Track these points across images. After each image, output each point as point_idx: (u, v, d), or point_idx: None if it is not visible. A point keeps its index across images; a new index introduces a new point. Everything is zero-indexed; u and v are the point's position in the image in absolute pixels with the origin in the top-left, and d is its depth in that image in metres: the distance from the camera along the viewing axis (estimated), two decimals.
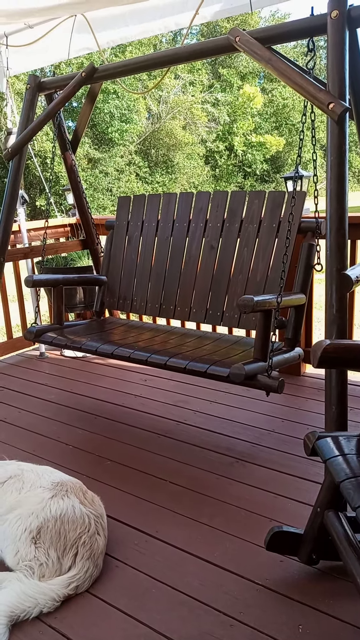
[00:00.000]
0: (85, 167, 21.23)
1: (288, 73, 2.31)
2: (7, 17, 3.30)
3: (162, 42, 23.90)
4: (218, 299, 2.90)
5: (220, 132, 25.34)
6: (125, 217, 3.39)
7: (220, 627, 1.60)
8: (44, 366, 3.99)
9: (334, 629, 1.58)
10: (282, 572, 1.81)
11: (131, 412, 3.12)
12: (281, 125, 26.82)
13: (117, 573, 1.84)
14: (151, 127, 23.79)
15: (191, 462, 2.53)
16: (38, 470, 2.04)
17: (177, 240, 3.12)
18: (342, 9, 2.14)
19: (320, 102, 2.17)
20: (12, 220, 3.68)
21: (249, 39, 2.44)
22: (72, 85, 3.23)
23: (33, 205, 19.57)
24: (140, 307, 3.23)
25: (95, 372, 3.81)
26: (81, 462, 2.57)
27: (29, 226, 4.20)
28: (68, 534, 1.77)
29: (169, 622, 1.62)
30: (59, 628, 1.62)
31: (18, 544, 1.76)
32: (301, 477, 2.36)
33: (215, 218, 2.96)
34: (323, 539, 1.73)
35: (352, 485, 1.37)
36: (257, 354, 2.28)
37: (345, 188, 2.13)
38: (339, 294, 2.10)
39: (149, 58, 2.96)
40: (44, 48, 3.83)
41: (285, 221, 2.66)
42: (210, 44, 2.70)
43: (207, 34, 25.09)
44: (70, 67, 19.26)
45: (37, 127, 3.46)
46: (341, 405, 2.05)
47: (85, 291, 4.01)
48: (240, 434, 2.78)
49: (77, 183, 3.98)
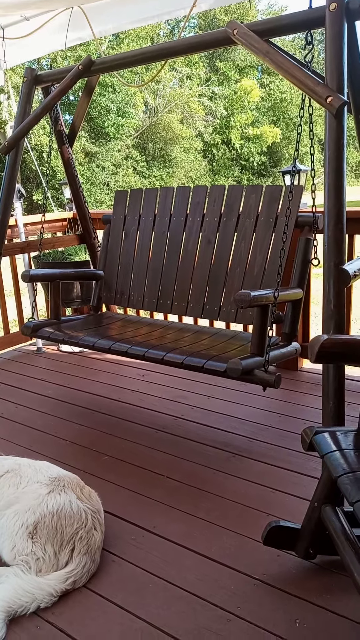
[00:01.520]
0: (82, 161, 21.13)
1: (286, 66, 2.29)
2: (3, 9, 3.27)
3: (160, 35, 23.78)
4: (215, 293, 2.89)
5: (217, 125, 25.25)
6: (122, 212, 3.38)
7: (217, 621, 1.60)
8: (41, 361, 3.98)
9: (331, 623, 1.58)
10: (279, 566, 1.82)
11: (129, 407, 3.12)
12: (279, 118, 26.75)
13: (115, 568, 1.84)
14: (148, 120, 23.68)
15: (188, 457, 2.53)
16: (35, 465, 2.04)
17: (174, 234, 3.11)
18: (340, 1, 2.12)
19: (319, 95, 2.15)
20: (8, 215, 3.67)
21: (246, 31, 2.42)
22: (69, 78, 3.21)
23: (30, 199, 19.50)
24: (138, 302, 3.22)
25: (93, 367, 3.80)
26: (78, 457, 2.57)
27: (25, 220, 4.18)
28: (65, 529, 1.77)
29: (166, 617, 1.63)
30: (56, 623, 1.63)
31: (15, 539, 1.77)
32: (298, 472, 2.36)
33: (212, 212, 2.95)
34: (320, 534, 1.74)
35: (349, 480, 1.37)
36: (254, 348, 2.28)
37: (343, 182, 2.12)
38: (336, 288, 2.10)
39: (146, 51, 2.95)
40: (39, 39, 3.80)
41: (283, 215, 2.65)
42: (208, 36, 2.68)
43: (205, 27, 24.96)
44: (67, 60, 19.15)
45: (34, 120, 3.43)
46: (338, 400, 2.05)
47: (83, 286, 4.00)
48: (237, 429, 2.78)
49: (74, 177, 3.96)
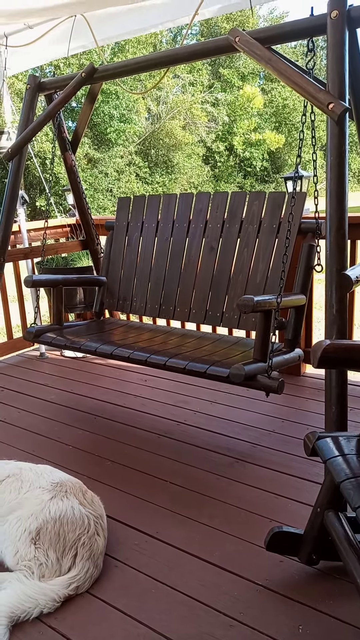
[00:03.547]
0: (85, 167, 21.22)
1: (288, 73, 2.31)
2: (7, 18, 3.30)
3: (162, 43, 23.90)
4: (218, 299, 2.89)
5: (220, 132, 25.34)
6: (125, 218, 3.39)
7: (220, 627, 1.60)
8: (44, 366, 3.99)
9: (333, 630, 1.58)
10: (282, 572, 1.81)
11: (131, 412, 3.12)
12: (281, 125, 26.82)
13: (117, 573, 1.84)
14: (151, 127, 23.77)
15: (191, 462, 2.53)
16: (37, 470, 2.04)
17: (177, 241, 3.12)
18: (341, 9, 2.14)
19: (320, 102, 2.17)
20: (12, 221, 3.68)
21: (248, 39, 2.44)
22: (72, 85, 3.23)
23: (33, 205, 19.56)
24: (140, 308, 3.23)
25: (95, 372, 3.81)
26: (81, 463, 2.57)
27: (29, 226, 4.21)
28: (67, 535, 1.77)
29: (169, 623, 1.62)
30: (59, 628, 1.62)
31: (18, 544, 1.77)
32: (301, 477, 2.36)
33: (215, 219, 2.96)
34: (323, 540, 1.73)
35: (352, 485, 1.37)
36: (257, 354, 2.28)
37: (345, 188, 2.13)
38: (339, 294, 2.10)
39: (149, 58, 2.97)
40: (42, 47, 3.83)
41: (285, 222, 2.66)
42: (210, 44, 2.70)
43: (207, 35, 25.09)
44: (70, 67, 19.27)
45: (37, 127, 3.46)
46: (341, 405, 2.05)
47: (85, 292, 4.01)
48: (240, 435, 2.78)
49: (77, 183, 3.98)
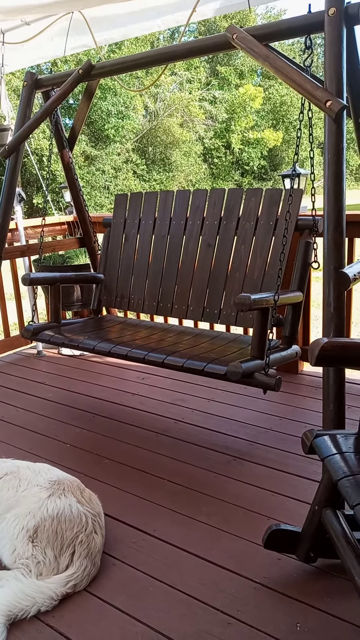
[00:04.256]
0: (82, 164, 21.18)
1: (285, 70, 2.30)
2: (4, 14, 3.29)
3: (160, 40, 23.84)
4: (215, 296, 2.89)
5: (217, 129, 25.31)
6: (123, 215, 3.38)
7: (218, 625, 1.60)
8: (41, 364, 3.98)
9: (331, 627, 1.58)
10: (279, 570, 1.81)
11: (129, 410, 3.12)
12: (278, 122, 26.81)
13: (115, 571, 1.84)
14: (148, 124, 23.74)
15: (189, 460, 2.53)
16: (35, 468, 2.04)
17: (174, 238, 3.11)
18: (339, 6, 2.14)
19: (318, 99, 2.16)
20: (9, 218, 3.68)
21: (246, 36, 2.44)
22: (69, 82, 3.22)
23: (30, 203, 19.54)
24: (138, 305, 3.23)
25: (93, 370, 3.81)
26: (79, 461, 2.57)
27: (26, 224, 4.20)
28: (65, 533, 1.77)
29: (167, 621, 1.62)
30: (56, 627, 1.62)
31: (15, 542, 1.76)
32: (299, 475, 2.36)
33: (212, 216, 2.96)
34: (321, 537, 1.73)
35: (349, 483, 1.37)
36: (254, 352, 2.28)
37: (343, 186, 2.13)
38: (336, 291, 2.10)
39: (146, 55, 2.96)
40: (39, 44, 3.81)
41: (283, 219, 2.65)
42: (208, 41, 2.70)
43: (205, 32, 25.03)
44: (67, 64, 19.20)
45: (34, 124, 3.45)
46: (339, 403, 2.05)
47: (83, 289, 4.01)
48: (237, 432, 2.78)
49: (74, 181, 3.97)
